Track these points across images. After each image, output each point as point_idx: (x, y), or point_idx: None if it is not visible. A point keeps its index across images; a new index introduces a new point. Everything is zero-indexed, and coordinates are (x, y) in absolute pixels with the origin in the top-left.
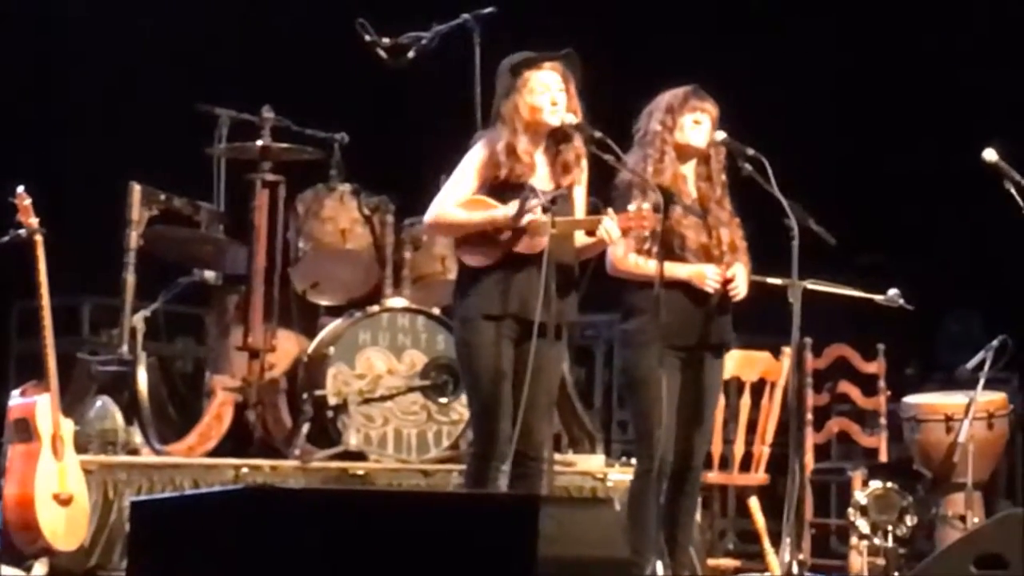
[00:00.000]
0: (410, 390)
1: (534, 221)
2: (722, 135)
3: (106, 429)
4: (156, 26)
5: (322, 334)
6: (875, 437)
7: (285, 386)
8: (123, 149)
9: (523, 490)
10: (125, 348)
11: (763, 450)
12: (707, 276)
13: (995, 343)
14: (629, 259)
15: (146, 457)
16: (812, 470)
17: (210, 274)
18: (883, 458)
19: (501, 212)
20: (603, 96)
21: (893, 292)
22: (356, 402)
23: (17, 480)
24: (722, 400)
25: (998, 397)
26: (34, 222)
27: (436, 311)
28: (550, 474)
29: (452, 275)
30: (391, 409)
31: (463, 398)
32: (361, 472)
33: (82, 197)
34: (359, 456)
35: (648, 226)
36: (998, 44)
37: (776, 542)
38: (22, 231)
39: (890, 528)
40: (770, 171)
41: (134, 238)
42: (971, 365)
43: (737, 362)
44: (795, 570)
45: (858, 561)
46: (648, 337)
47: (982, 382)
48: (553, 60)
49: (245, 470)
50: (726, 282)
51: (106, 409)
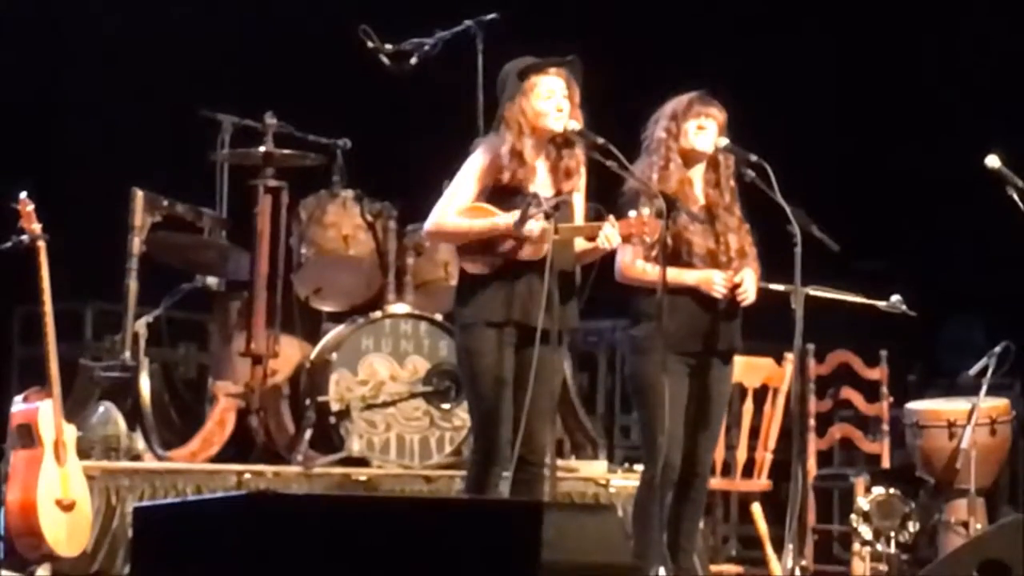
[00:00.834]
0: (412, 396)
1: (529, 232)
2: (725, 141)
3: (109, 435)
4: (159, 31)
5: (325, 340)
6: (878, 443)
7: (288, 392)
8: (126, 155)
9: (525, 496)
10: (128, 354)
11: (766, 456)
12: (715, 282)
13: (998, 349)
14: (637, 265)
15: (149, 463)
16: (815, 476)
17: (213, 280)
18: (886, 464)
19: (503, 220)
20: (606, 102)
21: (896, 298)
22: (359, 408)
23: (20, 486)
24: None
25: (1001, 403)
26: (37, 228)
27: (439, 317)
28: (553, 480)
29: (454, 281)
30: (394, 415)
31: (465, 404)
32: (364, 478)
33: (85, 203)
34: (362, 462)
35: (649, 232)
36: (999, 49)
37: (779, 548)
38: (25, 237)
39: (893, 534)
40: (773, 177)
41: (137, 244)
42: (974, 371)
43: (740, 368)
44: None
45: (861, 567)
46: (655, 343)
47: (985, 388)
48: (558, 66)
49: (248, 476)
50: (734, 287)
51: (109, 415)
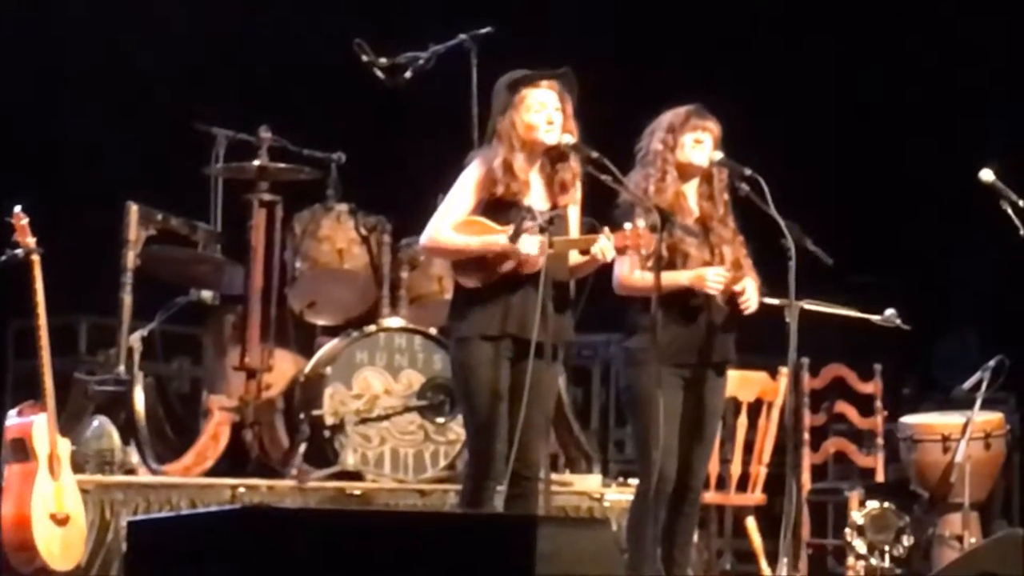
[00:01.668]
0: (407, 410)
1: (527, 255)
2: (719, 155)
3: (103, 449)
4: (154, 46)
5: (319, 354)
6: (872, 457)
7: (282, 406)
8: (120, 169)
9: (519, 510)
10: (122, 368)
11: (760, 470)
12: (708, 278)
13: (992, 363)
14: (635, 275)
15: (143, 477)
16: (809, 490)
17: (207, 294)
18: (880, 478)
19: (499, 239)
20: (601, 115)
21: (890, 312)
22: (353, 422)
23: (14, 500)
24: None
25: (995, 417)
26: (31, 242)
27: (433, 331)
28: (547, 494)
29: (449, 295)
30: (388, 429)
31: (460, 418)
32: (358, 492)
33: (79, 217)
34: (356, 476)
35: (644, 244)
36: (993, 65)
37: (773, 562)
38: (19, 251)
39: (887, 548)
40: (767, 191)
41: (131, 258)
42: (968, 385)
43: (734, 382)
44: None
45: None
46: (649, 355)
47: (979, 402)
48: (550, 78)
49: (242, 490)
50: (737, 295)
51: (103, 429)
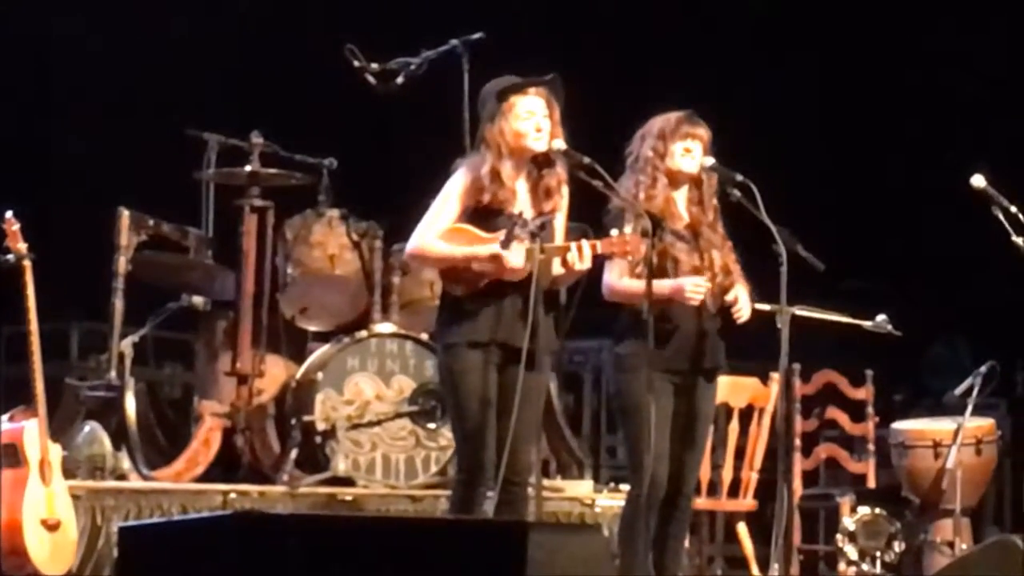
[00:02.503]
0: (398, 416)
1: (512, 268)
2: (710, 161)
3: (94, 454)
4: (145, 51)
5: (310, 360)
6: (863, 463)
7: (273, 411)
8: (112, 174)
9: (509, 515)
10: (113, 373)
11: (751, 476)
12: (686, 288)
13: (983, 369)
14: (623, 282)
15: (134, 483)
16: (800, 496)
17: (198, 299)
18: (871, 484)
19: (484, 249)
20: (590, 121)
21: (881, 318)
22: (344, 428)
23: (5, 505)
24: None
25: (986, 423)
26: (23, 247)
27: (424, 337)
28: (538, 500)
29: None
30: (379, 435)
31: (450, 424)
32: (349, 498)
33: (70, 222)
34: (347, 482)
35: (631, 251)
36: (985, 71)
37: (764, 568)
38: (10, 256)
39: (878, 554)
40: (759, 197)
41: (122, 263)
42: (959, 391)
43: (725, 388)
44: None
45: None
46: (640, 361)
47: (970, 408)
48: (538, 85)
49: (233, 496)
50: (729, 305)
51: (94, 434)
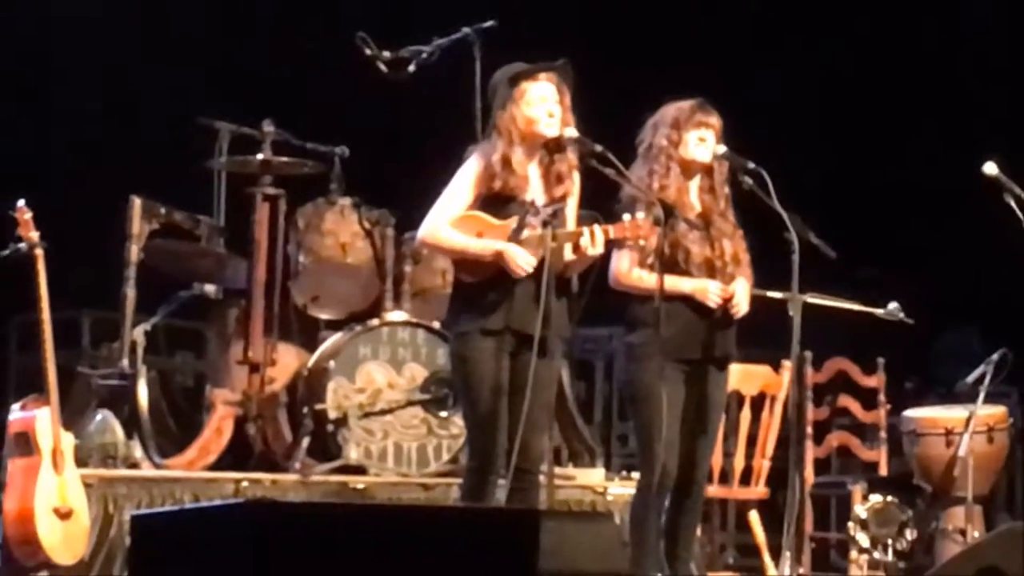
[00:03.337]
0: (410, 404)
1: (516, 270)
2: (723, 149)
3: (106, 443)
4: (157, 39)
5: (322, 348)
6: (875, 451)
7: (285, 400)
8: (123, 163)
9: (520, 503)
10: (125, 362)
11: (763, 464)
12: (710, 291)
13: (995, 357)
14: (633, 274)
15: (146, 471)
16: (812, 484)
17: (210, 288)
18: (883, 472)
19: (494, 244)
20: (601, 107)
21: (893, 306)
22: (356, 416)
23: (17, 494)
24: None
25: (998, 411)
26: (34, 236)
27: (436, 325)
28: (550, 488)
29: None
30: (391, 423)
31: (462, 412)
32: (361, 486)
33: (82, 211)
34: (359, 470)
35: (643, 236)
36: (995, 57)
37: (776, 556)
38: (22, 245)
39: (890, 542)
40: (770, 184)
41: (134, 252)
42: (971, 379)
43: (737, 376)
44: None
45: (858, 575)
46: (652, 350)
47: (982, 396)
48: (549, 71)
49: (245, 484)
50: (727, 299)
51: (106, 423)
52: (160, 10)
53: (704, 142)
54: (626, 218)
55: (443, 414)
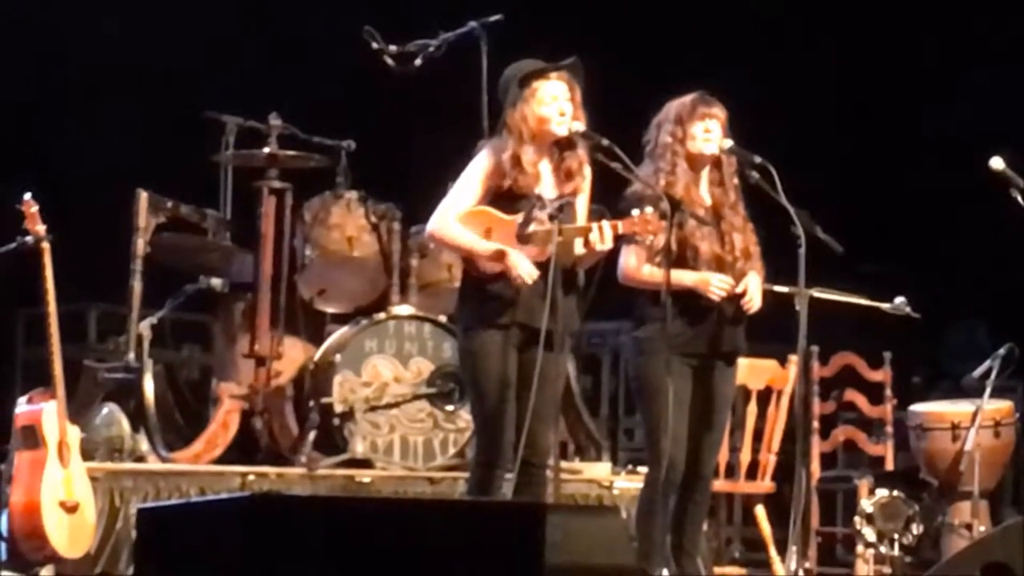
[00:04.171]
0: (416, 398)
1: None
2: (729, 143)
3: (112, 436)
4: (163, 33)
5: (328, 341)
6: (881, 445)
7: (291, 393)
8: (130, 156)
9: (527, 498)
10: (132, 355)
11: (769, 458)
12: (711, 284)
13: (1002, 351)
14: (643, 270)
15: (152, 464)
16: (818, 478)
17: (217, 281)
18: (889, 466)
19: (500, 247)
20: (609, 104)
21: (900, 300)
22: (362, 410)
23: (23, 487)
24: None
25: (1005, 405)
26: (41, 229)
27: (443, 319)
28: (556, 482)
29: (458, 283)
30: (397, 417)
31: (468, 406)
32: (367, 480)
33: (89, 204)
34: (365, 464)
35: (653, 231)
36: (1002, 53)
37: (782, 550)
38: (29, 238)
39: (896, 536)
40: (777, 179)
41: (141, 245)
42: (978, 373)
43: (743, 370)
44: None
45: (864, 569)
46: (659, 344)
47: (988, 390)
48: (559, 70)
49: (251, 477)
50: (739, 295)
51: (112, 416)
52: (168, 4)
53: (710, 133)
54: (635, 213)
55: (449, 408)
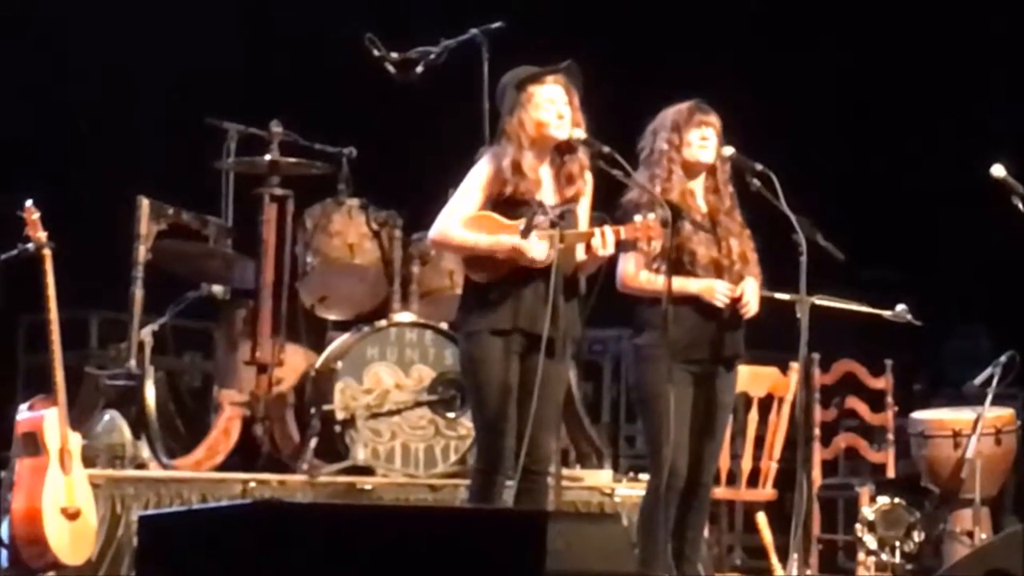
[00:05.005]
0: (418, 405)
1: (533, 260)
2: (730, 150)
3: (114, 443)
4: (164, 40)
5: (330, 349)
6: (883, 453)
7: (293, 400)
8: (131, 163)
9: (528, 505)
10: (133, 362)
11: (771, 465)
12: (716, 290)
13: (1003, 359)
14: (641, 276)
15: (154, 471)
16: (820, 486)
17: (218, 288)
18: (891, 474)
19: (507, 239)
20: (608, 109)
21: (901, 307)
22: (364, 417)
23: (25, 494)
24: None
25: (1006, 413)
26: (42, 236)
27: (444, 326)
28: (558, 489)
29: (460, 290)
30: (399, 424)
31: (470, 413)
32: (368, 487)
33: (90, 211)
34: (367, 471)
35: (654, 236)
36: (1003, 59)
37: (783, 558)
38: (30, 245)
39: (897, 544)
40: (778, 186)
41: (142, 252)
42: (979, 381)
43: (745, 377)
44: None
45: None
46: (659, 352)
47: (990, 398)
48: (555, 73)
49: (253, 484)
50: (736, 299)
51: (114, 423)
52: (169, 10)
53: (706, 140)
54: (637, 219)
55: (451, 415)
